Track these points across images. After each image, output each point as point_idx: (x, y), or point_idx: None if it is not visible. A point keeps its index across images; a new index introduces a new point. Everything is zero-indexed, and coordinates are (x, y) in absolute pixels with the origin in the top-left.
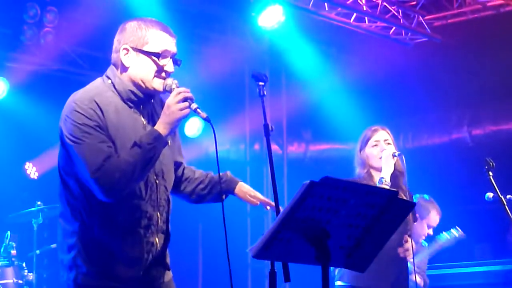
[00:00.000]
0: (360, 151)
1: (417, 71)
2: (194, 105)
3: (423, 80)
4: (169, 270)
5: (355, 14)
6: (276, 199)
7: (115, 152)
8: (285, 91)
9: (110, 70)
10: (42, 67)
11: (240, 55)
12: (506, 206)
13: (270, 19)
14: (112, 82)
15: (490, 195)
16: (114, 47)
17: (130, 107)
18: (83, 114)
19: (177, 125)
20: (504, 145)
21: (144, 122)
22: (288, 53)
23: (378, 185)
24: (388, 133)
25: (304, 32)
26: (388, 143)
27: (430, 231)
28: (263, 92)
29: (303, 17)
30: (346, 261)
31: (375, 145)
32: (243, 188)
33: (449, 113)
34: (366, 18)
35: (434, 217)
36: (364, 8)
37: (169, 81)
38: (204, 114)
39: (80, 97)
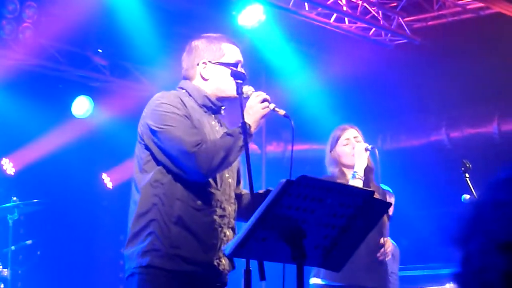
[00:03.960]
0: (331, 150)
1: (397, 72)
2: (272, 105)
3: (402, 82)
4: (234, 268)
5: (335, 15)
6: (253, 198)
7: None
8: (264, 90)
9: (183, 83)
10: (21, 62)
11: None
12: None
13: (251, 18)
14: (186, 90)
15: (467, 196)
16: (186, 64)
17: (205, 112)
18: (171, 105)
19: (260, 123)
20: (481, 148)
21: (217, 128)
22: (268, 53)
23: (351, 179)
24: (358, 131)
25: (284, 32)
26: (358, 141)
27: None
28: (241, 91)
29: (283, 17)
30: (321, 261)
31: (346, 144)
32: None
33: (428, 115)
34: (346, 19)
35: None
36: (344, 9)
37: (246, 88)
38: (282, 112)
39: (162, 95)
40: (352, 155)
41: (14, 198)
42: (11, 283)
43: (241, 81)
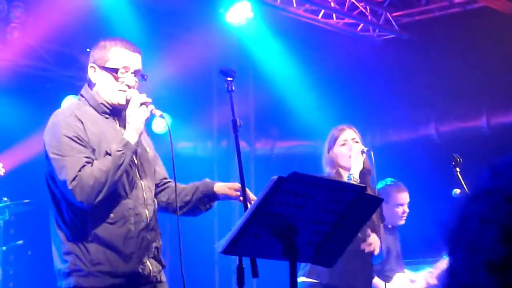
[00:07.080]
0: (328, 151)
1: (385, 68)
2: (151, 106)
3: (391, 77)
4: (163, 267)
5: (323, 11)
6: (244, 196)
7: (95, 160)
8: (252, 87)
9: (84, 89)
10: (9, 62)
11: (208, 51)
12: None
13: (238, 15)
14: (86, 99)
15: (457, 191)
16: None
17: (107, 118)
18: (63, 127)
19: (142, 129)
20: (470, 142)
21: (122, 131)
22: (256, 50)
23: (347, 181)
24: (355, 132)
25: (272, 29)
26: (356, 142)
27: (405, 208)
28: (231, 88)
29: (271, 14)
30: (313, 257)
31: (344, 144)
32: (220, 184)
33: (417, 110)
34: (334, 15)
35: (397, 195)
36: (332, 5)
37: (129, 92)
38: (158, 113)
39: (61, 112)
40: (349, 157)
41: (5, 199)
42: (3, 283)
43: (231, 79)
